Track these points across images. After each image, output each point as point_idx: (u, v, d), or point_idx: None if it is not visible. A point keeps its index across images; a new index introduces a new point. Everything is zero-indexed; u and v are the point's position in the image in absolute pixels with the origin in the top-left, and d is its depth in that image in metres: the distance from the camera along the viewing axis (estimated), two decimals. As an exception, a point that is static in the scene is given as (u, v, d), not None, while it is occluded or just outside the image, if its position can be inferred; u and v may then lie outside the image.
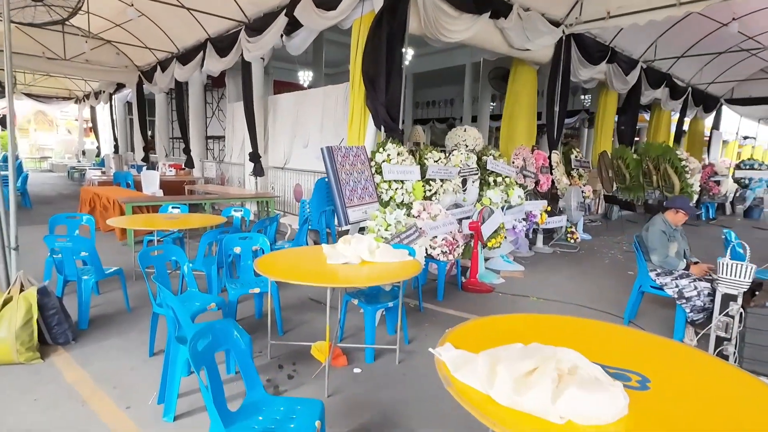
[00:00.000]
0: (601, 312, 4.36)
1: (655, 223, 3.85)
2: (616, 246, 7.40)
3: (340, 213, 4.15)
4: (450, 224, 4.66)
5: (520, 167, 6.76)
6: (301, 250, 3.53)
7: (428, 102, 20.91)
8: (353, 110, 5.82)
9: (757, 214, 11.38)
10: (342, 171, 4.24)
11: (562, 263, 6.23)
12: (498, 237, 5.00)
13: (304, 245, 5.19)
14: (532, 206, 6.19)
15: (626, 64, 9.32)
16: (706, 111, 13.49)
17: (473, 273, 4.93)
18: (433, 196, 5.25)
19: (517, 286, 5.12)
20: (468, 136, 6.78)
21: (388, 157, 4.80)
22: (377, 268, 3.00)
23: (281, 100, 8.42)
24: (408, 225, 4.11)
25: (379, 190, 4.72)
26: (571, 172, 8.07)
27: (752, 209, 11.42)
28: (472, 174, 5.95)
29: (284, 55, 14.47)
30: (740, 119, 16.74)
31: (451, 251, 4.54)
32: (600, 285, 5.26)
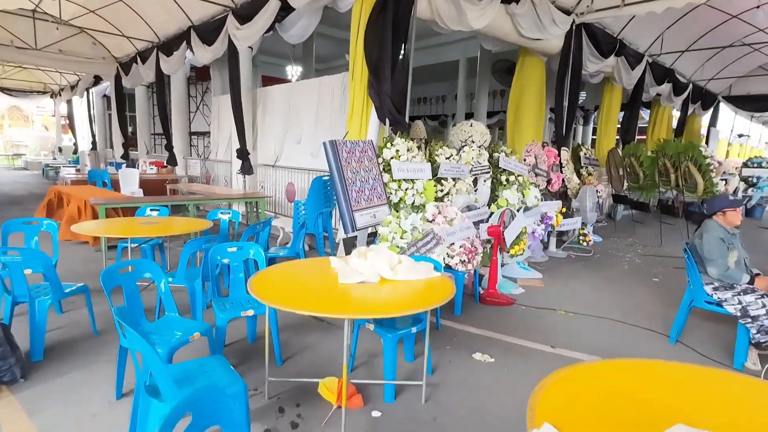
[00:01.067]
0: (642, 329, 3.84)
1: (710, 229, 3.34)
2: (630, 249, 6.93)
3: (347, 218, 3.56)
4: (467, 229, 4.10)
5: (531, 165, 6.24)
6: (303, 264, 2.93)
7: (419, 99, 20.36)
8: (353, 101, 5.21)
9: (759, 213, 11.08)
10: (348, 169, 3.64)
11: (580, 269, 5.72)
12: (521, 243, 4.46)
13: (301, 253, 4.57)
14: (548, 207, 5.66)
15: (633, 57, 8.89)
16: (703, 108, 13.19)
17: (492, 283, 4.38)
18: (445, 197, 4.68)
19: (539, 296, 4.58)
20: (475, 132, 6.22)
21: (397, 154, 4.21)
22: (401, 288, 2.42)
23: (272, 93, 7.76)
24: (425, 232, 3.53)
25: (388, 191, 4.13)
26: (580, 170, 7.58)
27: (755, 208, 11.11)
28: (484, 172, 5.39)
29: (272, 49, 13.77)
30: (735, 117, 16.57)
31: (471, 260, 3.98)
32: (629, 295, 4.75)
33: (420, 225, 3.45)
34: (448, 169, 4.66)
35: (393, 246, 3.23)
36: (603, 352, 3.36)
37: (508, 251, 4.32)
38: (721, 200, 3.49)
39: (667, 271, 5.74)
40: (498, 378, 2.96)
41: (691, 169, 5.84)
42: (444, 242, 3.88)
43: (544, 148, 6.68)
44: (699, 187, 5.82)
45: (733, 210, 3.38)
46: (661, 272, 5.66)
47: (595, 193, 6.44)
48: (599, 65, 8.03)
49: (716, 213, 3.43)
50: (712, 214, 3.44)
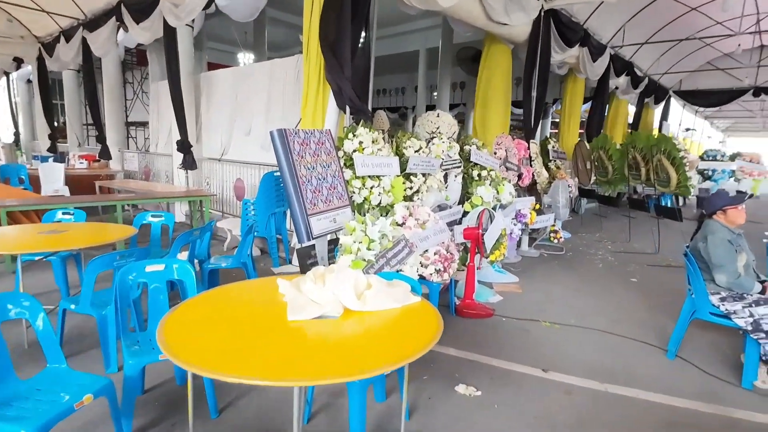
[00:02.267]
0: (635, 342, 3.42)
1: (714, 231, 2.94)
2: (600, 245, 6.65)
3: (301, 224, 2.89)
4: (442, 232, 3.53)
5: (503, 159, 5.78)
6: (242, 289, 2.24)
7: (378, 90, 19.71)
8: (308, 86, 4.52)
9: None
10: (301, 164, 2.97)
11: (555, 269, 5.32)
12: (501, 247, 3.95)
13: (249, 262, 3.86)
14: (522, 204, 5.22)
15: (596, 49, 8.65)
16: (656, 102, 13.37)
17: (468, 293, 3.85)
18: (415, 196, 4.09)
19: (518, 304, 4.10)
20: (442, 123, 5.70)
21: (361, 146, 3.58)
22: (372, 325, 1.81)
23: (217, 78, 6.88)
24: (395, 239, 2.93)
25: (350, 190, 3.49)
26: (548, 164, 7.23)
27: (704, 200, 11.31)
28: (455, 167, 4.86)
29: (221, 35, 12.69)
30: (682, 111, 17.06)
31: (447, 268, 3.42)
32: (611, 299, 4.37)
33: (390, 231, 2.85)
34: (418, 163, 4.08)
35: (358, 260, 2.61)
36: (599, 374, 2.91)
37: (487, 257, 3.80)
38: (721, 197, 3.12)
39: (643, 270, 5.45)
40: (488, 418, 2.42)
41: (664, 163, 5.58)
42: (417, 249, 3.30)
43: (513, 140, 6.24)
44: (672, 182, 5.57)
45: (734, 208, 3.00)
46: (637, 271, 5.36)
47: (567, 188, 6.08)
48: (564, 55, 7.69)
49: (716, 212, 3.04)
50: (712, 213, 3.06)
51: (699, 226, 3.14)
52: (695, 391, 2.76)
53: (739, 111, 19.48)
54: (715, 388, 2.81)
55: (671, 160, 5.51)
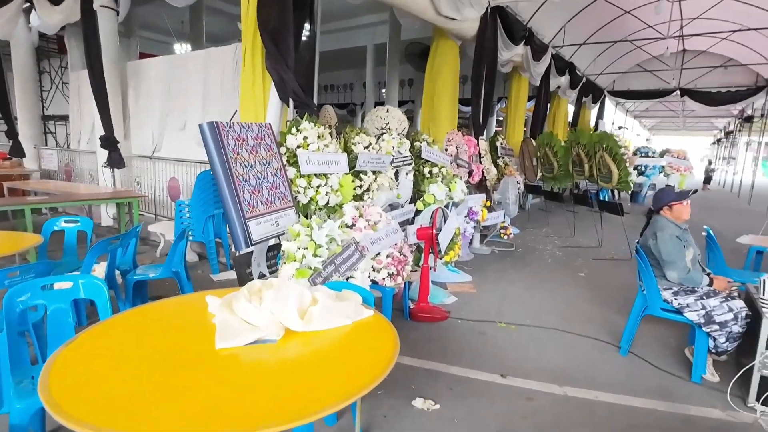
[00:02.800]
0: (589, 339, 3.38)
1: (663, 227, 2.92)
2: (548, 240, 6.75)
3: (238, 228, 2.56)
4: (394, 233, 3.32)
5: (453, 155, 5.67)
6: (165, 311, 1.90)
7: (326, 86, 19.27)
8: (247, 77, 4.14)
9: (642, 198, 11.94)
10: (237, 162, 2.63)
11: (507, 267, 5.28)
12: (455, 247, 3.79)
13: (181, 271, 3.45)
14: (473, 201, 5.13)
15: (539, 48, 8.81)
16: (594, 101, 13.98)
17: (423, 295, 3.67)
18: (365, 195, 3.85)
19: (473, 305, 3.98)
20: (392, 118, 5.50)
21: (306, 142, 3.28)
22: (318, 348, 1.56)
23: (147, 67, 6.26)
24: (344, 242, 2.67)
25: (295, 190, 3.19)
26: (497, 160, 7.24)
27: (636, 194, 11.95)
28: (406, 164, 4.66)
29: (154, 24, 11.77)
30: (615, 110, 18.03)
31: (400, 271, 3.21)
32: (563, 295, 4.36)
33: (338, 235, 2.59)
34: (367, 160, 3.84)
35: (303, 268, 2.33)
36: (559, 376, 2.81)
37: (441, 258, 3.63)
38: (667, 193, 3.12)
39: (589, 264, 5.54)
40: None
41: (606, 159, 5.71)
42: (368, 253, 3.06)
43: (463, 137, 6.16)
44: (614, 177, 5.72)
45: (679, 203, 3.01)
46: (584, 265, 5.44)
47: (516, 184, 6.09)
48: (511, 53, 7.75)
49: (662, 208, 3.04)
50: (659, 209, 3.06)
51: (648, 222, 3.13)
52: (651, 388, 2.73)
53: (664, 111, 20.95)
54: (668, 384, 2.80)
55: (613, 157, 5.65)
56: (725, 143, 23.45)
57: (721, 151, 25.45)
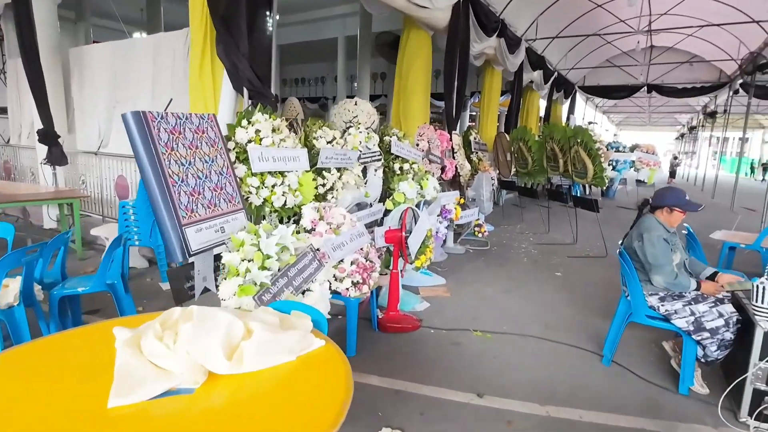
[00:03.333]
0: (570, 348, 3.15)
1: (651, 228, 2.69)
2: (522, 238, 6.55)
3: (172, 238, 2.18)
4: (360, 237, 2.99)
5: (425, 151, 5.36)
6: (60, 346, 1.51)
7: (296, 79, 18.67)
8: (196, 64, 3.72)
9: (611, 193, 11.99)
10: (171, 158, 2.24)
11: (482, 267, 5.04)
12: (427, 251, 3.48)
13: (118, 283, 3.03)
14: (446, 199, 4.85)
15: (513, 41, 8.61)
16: (565, 96, 13.97)
17: (392, 304, 3.36)
18: (328, 194, 3.50)
19: (447, 310, 3.70)
20: (360, 111, 5.16)
21: (258, 135, 2.89)
22: (247, 399, 1.22)
23: (91, 55, 5.69)
24: (300, 251, 2.32)
25: (245, 190, 2.81)
26: (470, 156, 6.99)
27: (607, 189, 11.99)
28: (374, 160, 4.32)
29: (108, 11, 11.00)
30: (585, 106, 18.17)
31: (366, 279, 2.89)
32: (541, 298, 4.13)
33: (292, 242, 2.23)
34: (331, 156, 3.48)
35: (248, 284, 1.97)
36: (539, 393, 2.56)
37: (412, 263, 3.32)
38: (675, 195, 2.72)
39: (564, 262, 5.36)
40: (419, 475, 1.92)
41: (581, 154, 5.53)
42: (329, 261, 2.72)
43: (436, 131, 5.87)
44: (589, 173, 5.55)
45: (680, 211, 2.73)
46: (560, 264, 5.25)
47: (490, 180, 5.85)
48: (483, 45, 7.49)
49: (662, 208, 2.75)
50: (657, 207, 2.77)
51: (635, 220, 2.89)
52: (637, 403, 2.51)
53: (631, 107, 21.33)
54: (655, 397, 2.58)
55: (588, 152, 5.48)
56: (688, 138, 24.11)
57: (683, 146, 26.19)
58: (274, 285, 2.07)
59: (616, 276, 4.85)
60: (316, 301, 2.33)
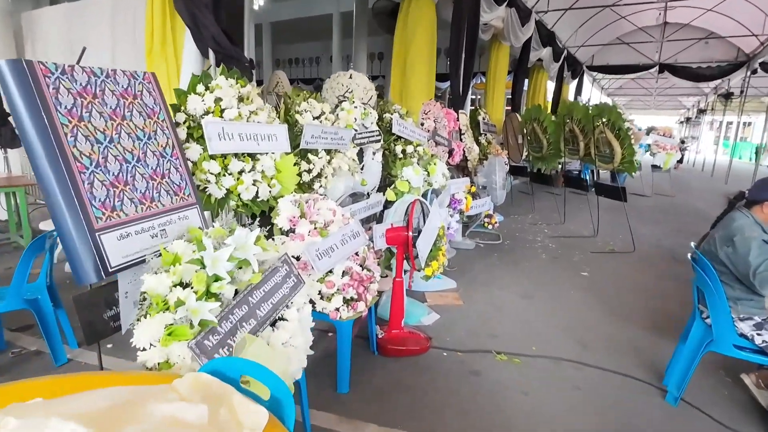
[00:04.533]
0: (619, 376, 2.48)
1: (744, 228, 2.01)
2: (537, 229, 5.87)
3: (77, 248, 1.48)
4: (355, 238, 2.30)
5: (431, 131, 4.64)
6: None
7: (290, 60, 17.70)
8: (150, 21, 2.98)
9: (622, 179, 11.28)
10: (78, 132, 1.52)
11: (497, 266, 4.37)
12: (439, 255, 2.78)
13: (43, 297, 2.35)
14: (456, 187, 4.15)
15: (524, 12, 7.81)
16: (573, 76, 13.15)
17: (395, 320, 2.68)
18: (314, 182, 2.78)
19: (460, 324, 3.03)
20: (356, 85, 4.45)
21: (219, 106, 2.16)
22: None
23: (42, 19, 4.88)
24: (269, 264, 1.62)
25: (201, 178, 2.09)
26: (479, 138, 6.26)
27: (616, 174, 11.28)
28: (373, 141, 3.61)
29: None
30: (591, 88, 17.33)
31: (363, 294, 2.20)
32: (567, 304, 3.46)
33: (257, 253, 1.54)
34: (317, 135, 2.76)
35: (180, 325, 1.28)
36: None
37: (421, 270, 2.63)
38: None
39: (588, 259, 4.69)
40: None
41: (608, 136, 4.81)
42: (313, 273, 2.03)
43: (442, 108, 5.13)
44: (616, 157, 4.84)
45: None
46: (584, 261, 4.58)
47: (503, 166, 5.14)
48: (492, 15, 6.70)
49: (761, 203, 2.05)
50: (755, 202, 2.07)
51: (720, 217, 2.20)
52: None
53: (637, 89, 20.46)
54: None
55: (615, 133, 4.77)
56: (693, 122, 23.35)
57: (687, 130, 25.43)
58: (224, 322, 1.38)
59: (653, 278, 4.21)
60: (292, 335, 1.64)
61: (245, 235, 1.55)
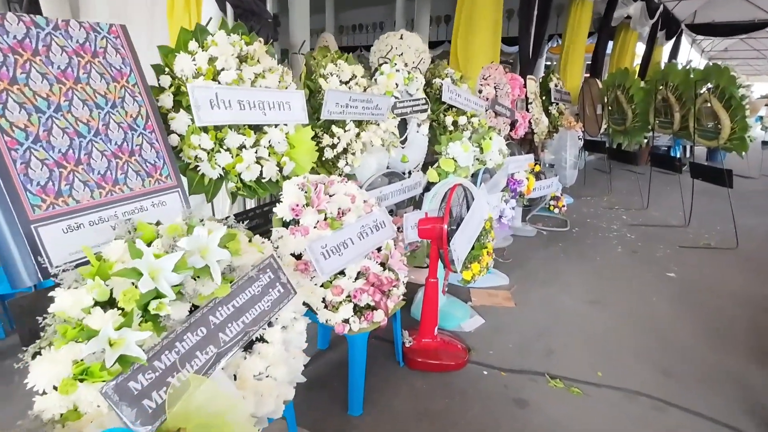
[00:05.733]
0: (720, 427, 1.87)
1: None
2: (612, 215, 5.05)
3: (9, 245, 1.18)
4: (379, 229, 1.85)
5: (491, 99, 3.98)
6: None
7: (354, 26, 17.08)
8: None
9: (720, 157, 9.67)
10: (9, 97, 1.20)
11: (560, 258, 3.73)
12: (483, 255, 2.26)
13: None
14: (516, 165, 3.54)
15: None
16: (668, 37, 11.33)
17: (427, 326, 2.23)
18: (339, 160, 2.35)
19: (510, 335, 2.51)
20: (406, 48, 3.89)
21: (213, 67, 1.77)
22: None
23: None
24: (243, 271, 1.23)
25: (187, 155, 1.73)
26: (549, 108, 5.44)
27: (714, 152, 9.67)
28: (417, 110, 3.08)
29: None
30: (689, 51, 15.02)
31: (383, 301, 1.77)
32: (651, 318, 2.80)
33: (223, 260, 1.16)
34: (345, 103, 2.30)
35: (94, 362, 0.93)
36: None
37: (457, 272, 2.14)
38: None
39: (676, 255, 3.88)
40: None
41: (714, 106, 3.86)
42: (316, 277, 1.63)
43: (506, 74, 4.42)
44: (723, 131, 3.89)
45: None
46: (670, 258, 3.79)
47: (576, 141, 4.37)
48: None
49: None
50: None
51: None
52: None
53: (747, 51, 17.45)
54: None
55: (725, 102, 3.80)
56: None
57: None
58: (164, 354, 1.01)
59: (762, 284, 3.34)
60: (272, 363, 1.27)
61: (205, 236, 1.16)
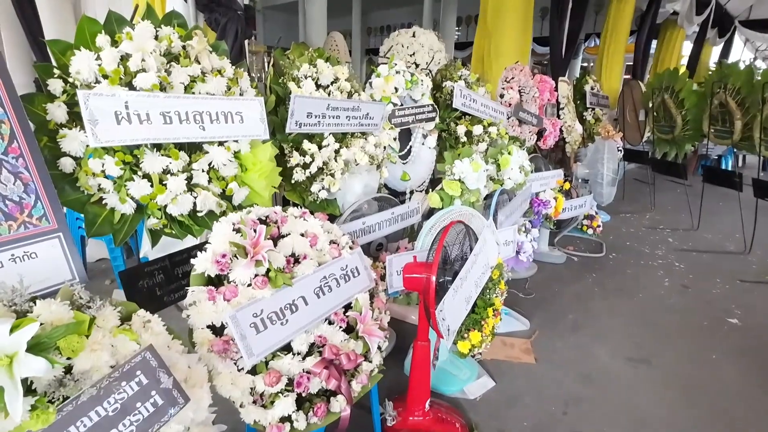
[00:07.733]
0: None
1: None
2: (656, 237, 4.35)
3: None
4: (347, 280, 1.36)
5: (514, 104, 3.41)
6: None
7: (382, 27, 16.67)
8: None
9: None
10: None
11: (592, 293, 3.12)
12: (488, 317, 1.72)
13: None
14: (540, 183, 2.97)
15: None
16: (720, 35, 10.28)
17: (415, 397, 1.72)
18: (314, 183, 1.87)
19: (528, 406, 1.96)
20: (419, 46, 3.44)
21: (124, 66, 1.32)
22: None
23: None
24: (93, 381, 0.77)
25: (85, 184, 1.28)
26: (584, 114, 4.78)
27: (749, 157, 8.57)
28: (423, 119, 2.57)
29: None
30: (742, 51, 13.72)
31: (341, 388, 1.27)
32: (714, 385, 2.18)
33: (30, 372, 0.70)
34: (321, 112, 1.82)
35: None
36: None
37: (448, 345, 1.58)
38: None
39: (737, 291, 3.19)
40: None
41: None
42: (247, 360, 1.15)
43: (534, 76, 3.83)
44: (800, 144, 3.18)
45: None
46: (730, 295, 3.11)
47: (616, 153, 3.73)
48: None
49: None
50: None
51: None
52: None
53: (807, 51, 15.83)
54: None
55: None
56: None
57: None
58: None
59: None
60: None
61: (5, 334, 0.71)
